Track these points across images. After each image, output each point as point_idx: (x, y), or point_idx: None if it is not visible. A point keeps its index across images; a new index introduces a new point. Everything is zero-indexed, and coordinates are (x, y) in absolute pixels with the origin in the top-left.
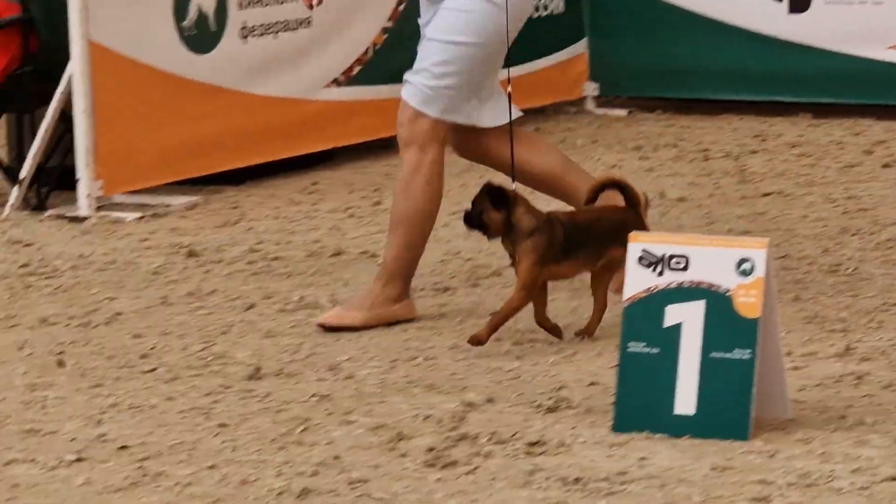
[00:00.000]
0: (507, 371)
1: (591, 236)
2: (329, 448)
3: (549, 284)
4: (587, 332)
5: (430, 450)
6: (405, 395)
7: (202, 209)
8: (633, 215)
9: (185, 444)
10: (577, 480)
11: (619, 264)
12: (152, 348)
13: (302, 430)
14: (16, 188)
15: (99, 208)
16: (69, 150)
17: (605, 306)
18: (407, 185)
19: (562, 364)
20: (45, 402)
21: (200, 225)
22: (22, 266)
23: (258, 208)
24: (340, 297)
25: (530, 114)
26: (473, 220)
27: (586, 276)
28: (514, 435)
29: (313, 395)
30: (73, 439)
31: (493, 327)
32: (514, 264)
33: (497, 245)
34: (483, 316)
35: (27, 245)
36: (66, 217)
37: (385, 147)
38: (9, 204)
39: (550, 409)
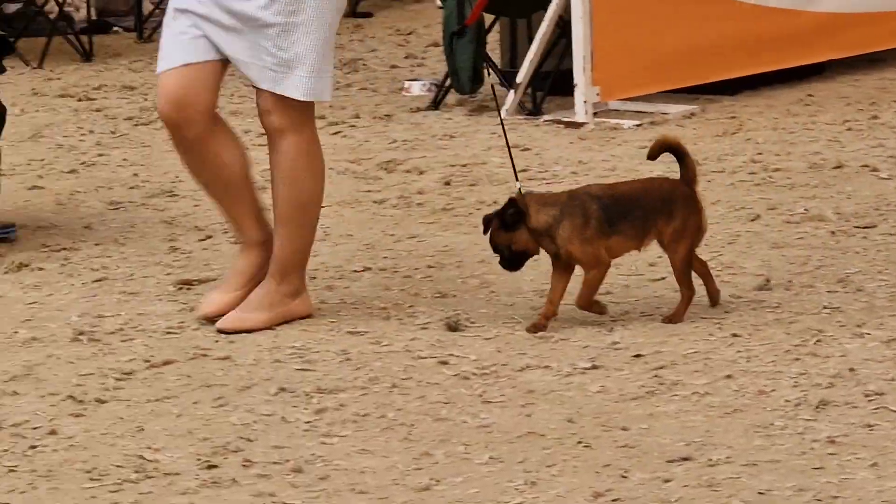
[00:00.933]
0: None
1: (634, 208)
2: (843, 360)
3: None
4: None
5: None
6: None
7: (700, 118)
8: (682, 186)
9: (699, 354)
10: None
11: (681, 239)
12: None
13: (816, 342)
14: (511, 92)
15: (595, 114)
16: (563, 55)
17: (693, 291)
18: (290, 173)
19: None
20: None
21: (699, 134)
22: (521, 171)
23: (756, 118)
24: (844, 210)
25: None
26: (512, 259)
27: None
28: None
29: (825, 308)
30: (586, 346)
31: (586, 301)
32: (562, 261)
33: None
34: None
35: (525, 150)
36: (563, 122)
37: (877, 60)
38: (504, 108)
39: None
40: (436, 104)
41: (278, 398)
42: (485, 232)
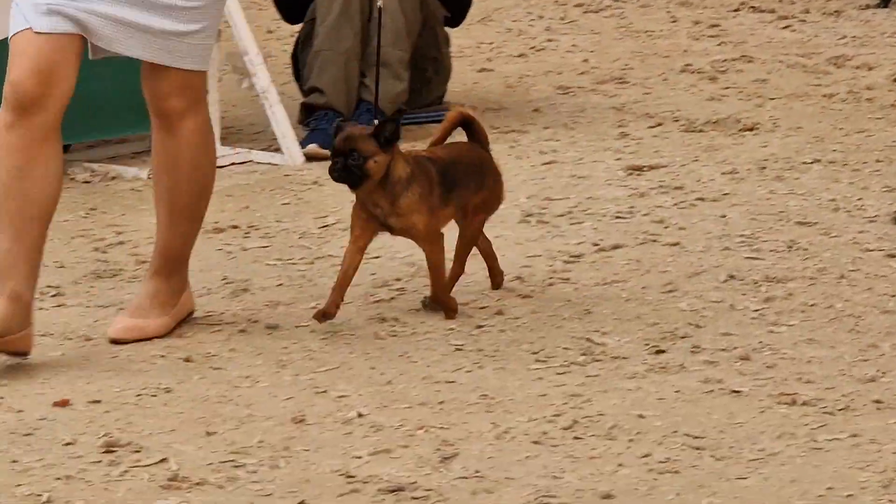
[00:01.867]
0: None
1: (460, 175)
2: None
3: None
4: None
5: None
6: None
7: None
8: (486, 154)
9: None
10: None
11: (481, 211)
12: None
13: None
14: None
15: None
16: None
17: (463, 270)
18: (193, 160)
19: None
20: None
21: None
22: None
23: None
24: None
25: None
26: (353, 169)
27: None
28: None
29: None
30: None
31: (443, 290)
32: (387, 221)
33: None
34: None
35: None
36: None
37: None
38: None
39: None
40: (885, 2)
41: (727, 286)
42: (335, 134)
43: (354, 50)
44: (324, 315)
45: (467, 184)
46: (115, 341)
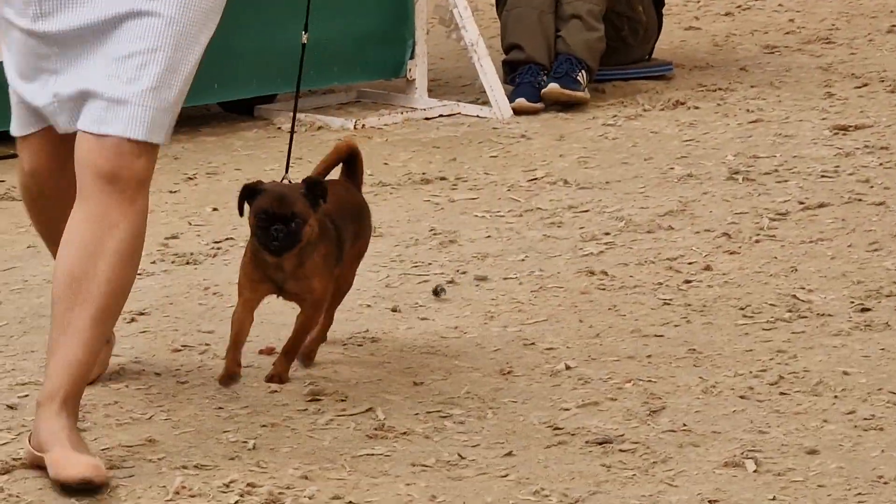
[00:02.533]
0: None
1: (346, 228)
2: None
3: None
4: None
5: None
6: None
7: None
8: (360, 196)
9: None
10: None
11: (357, 259)
12: None
13: None
14: None
15: None
16: None
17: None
18: (133, 244)
19: None
20: None
21: None
22: None
23: None
24: None
25: None
26: (294, 235)
27: None
28: None
29: None
30: None
31: (296, 353)
32: (285, 285)
33: None
34: None
35: None
36: None
37: None
38: None
39: None
40: None
41: None
42: (284, 195)
43: (547, 3)
44: (229, 378)
45: (351, 236)
46: (88, 482)
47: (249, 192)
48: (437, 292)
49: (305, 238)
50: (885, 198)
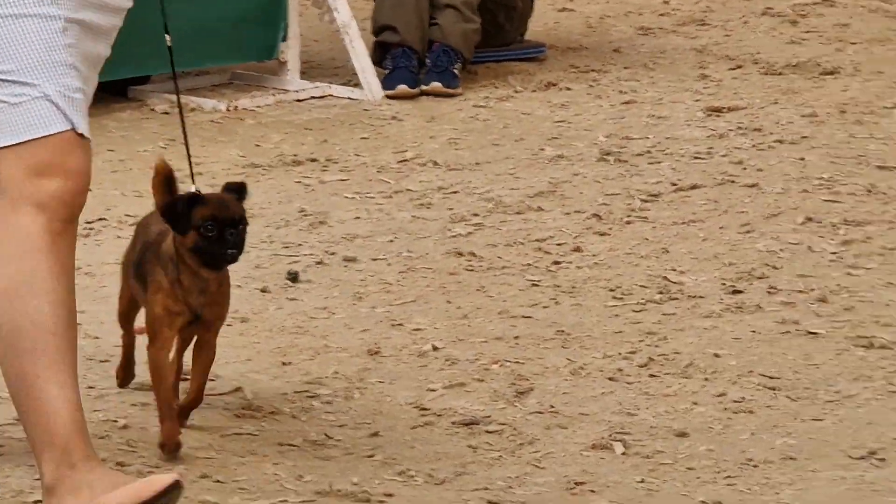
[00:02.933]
0: None
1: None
2: None
3: None
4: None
5: None
6: None
7: None
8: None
9: None
10: None
11: None
12: None
13: None
14: None
15: None
16: None
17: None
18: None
19: None
20: None
21: None
22: None
23: None
24: None
25: None
26: (244, 240)
27: None
28: None
29: None
30: None
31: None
32: (202, 311)
33: None
34: None
35: None
36: None
37: None
38: None
39: None
40: None
41: (805, 227)
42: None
43: None
44: (176, 446)
45: None
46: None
47: (190, 203)
48: (291, 277)
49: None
50: (758, 179)
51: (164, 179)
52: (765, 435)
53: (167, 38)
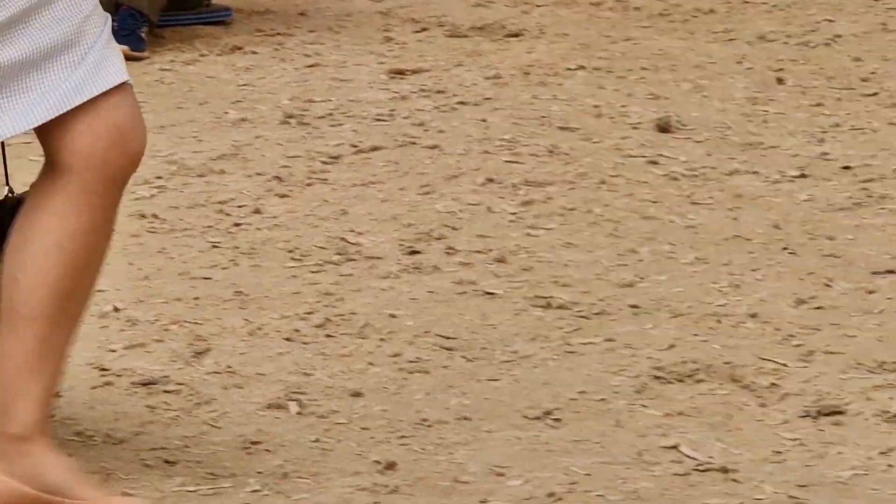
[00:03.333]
0: None
1: None
2: None
3: None
4: None
5: None
6: None
7: None
8: None
9: None
10: None
11: None
12: (872, 73)
13: None
14: None
15: None
16: None
17: None
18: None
19: None
20: (766, 116)
21: None
22: None
23: None
24: None
25: None
26: None
27: None
28: None
29: None
30: (796, 155)
31: None
32: None
33: None
34: None
35: None
36: None
37: None
38: None
39: None
40: None
41: (485, 188)
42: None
43: None
44: None
45: None
46: None
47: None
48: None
49: None
50: (439, 141)
51: None
52: (440, 395)
53: None
